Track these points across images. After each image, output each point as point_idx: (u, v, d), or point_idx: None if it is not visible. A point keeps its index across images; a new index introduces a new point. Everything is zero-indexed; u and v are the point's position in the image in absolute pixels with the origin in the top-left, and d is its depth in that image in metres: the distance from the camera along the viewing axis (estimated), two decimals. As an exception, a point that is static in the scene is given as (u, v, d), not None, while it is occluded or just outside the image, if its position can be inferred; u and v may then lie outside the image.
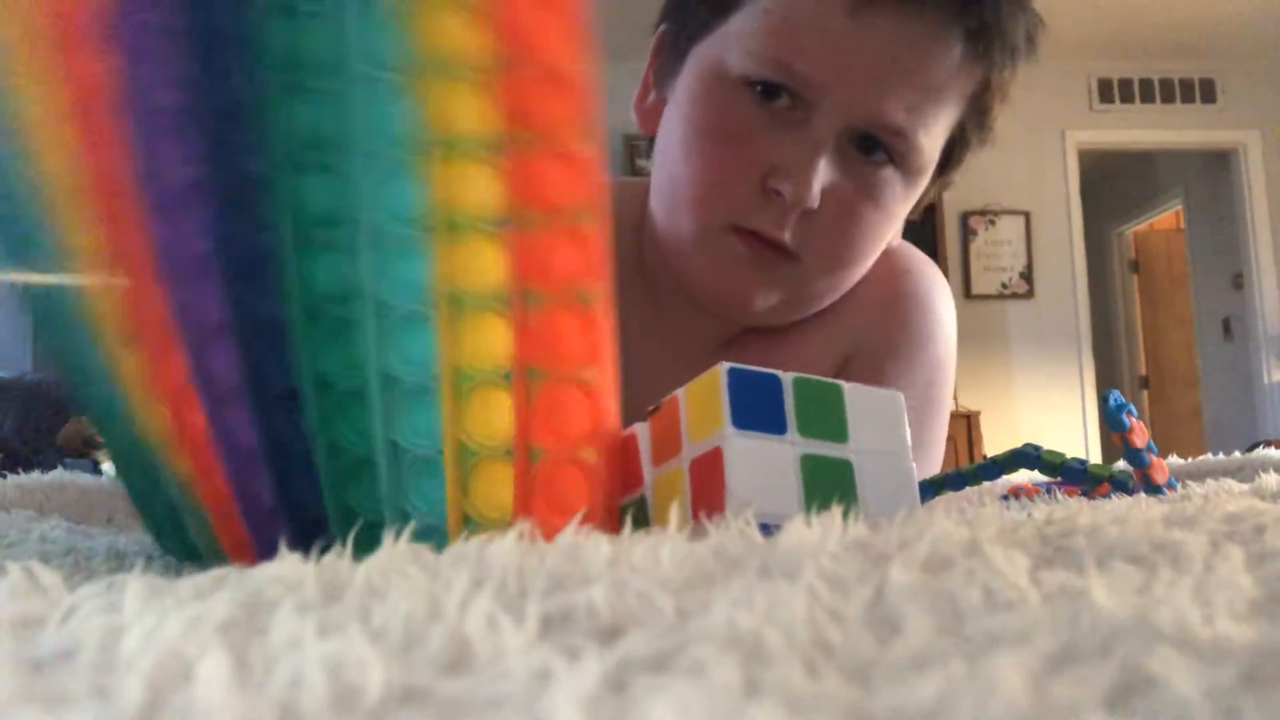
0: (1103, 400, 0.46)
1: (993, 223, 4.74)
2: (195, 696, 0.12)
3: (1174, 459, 0.65)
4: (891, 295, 0.68)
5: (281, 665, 0.12)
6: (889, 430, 0.29)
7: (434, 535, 0.25)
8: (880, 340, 0.68)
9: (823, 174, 0.52)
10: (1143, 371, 5.96)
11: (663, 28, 0.61)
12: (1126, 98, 4.83)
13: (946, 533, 0.20)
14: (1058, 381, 4.68)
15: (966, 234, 4.73)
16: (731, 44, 0.53)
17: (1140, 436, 0.46)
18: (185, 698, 0.12)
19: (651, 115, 0.61)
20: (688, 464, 0.28)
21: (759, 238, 0.54)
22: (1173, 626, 0.13)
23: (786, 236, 0.53)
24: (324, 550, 0.19)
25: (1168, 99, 4.83)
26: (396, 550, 0.19)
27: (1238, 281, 4.96)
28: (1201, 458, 0.66)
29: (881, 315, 0.68)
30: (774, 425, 0.27)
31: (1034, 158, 4.74)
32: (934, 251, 4.23)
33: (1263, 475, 0.45)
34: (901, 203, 0.56)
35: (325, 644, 0.13)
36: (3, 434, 1.62)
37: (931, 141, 0.55)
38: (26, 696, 0.12)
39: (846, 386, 0.29)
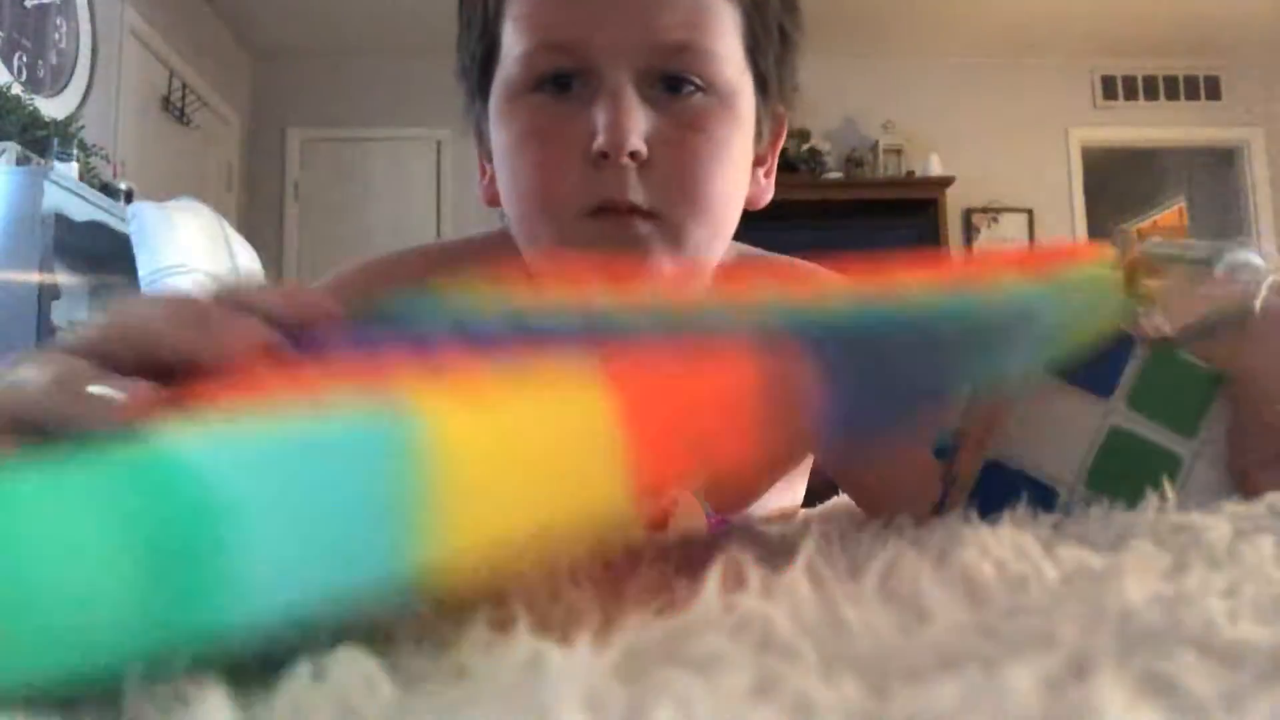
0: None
1: (995, 220, 4.73)
2: None
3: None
4: None
5: None
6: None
7: None
8: None
9: (638, 121, 0.53)
10: (1145, 369, 5.96)
11: (471, 128, 0.63)
12: (1130, 95, 4.82)
13: (960, 519, 0.19)
14: (1060, 379, 4.68)
15: (969, 231, 4.73)
16: (507, 66, 0.56)
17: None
18: None
19: (495, 186, 0.61)
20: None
21: (613, 212, 0.54)
22: (1198, 625, 0.12)
23: (633, 196, 0.53)
24: None
25: (1171, 96, 4.82)
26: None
27: (1241, 279, 4.95)
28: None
29: None
30: (1100, 385, 0.25)
31: (1037, 155, 4.73)
32: (936, 249, 4.21)
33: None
34: (727, 126, 0.56)
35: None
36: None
37: (725, 49, 0.55)
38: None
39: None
